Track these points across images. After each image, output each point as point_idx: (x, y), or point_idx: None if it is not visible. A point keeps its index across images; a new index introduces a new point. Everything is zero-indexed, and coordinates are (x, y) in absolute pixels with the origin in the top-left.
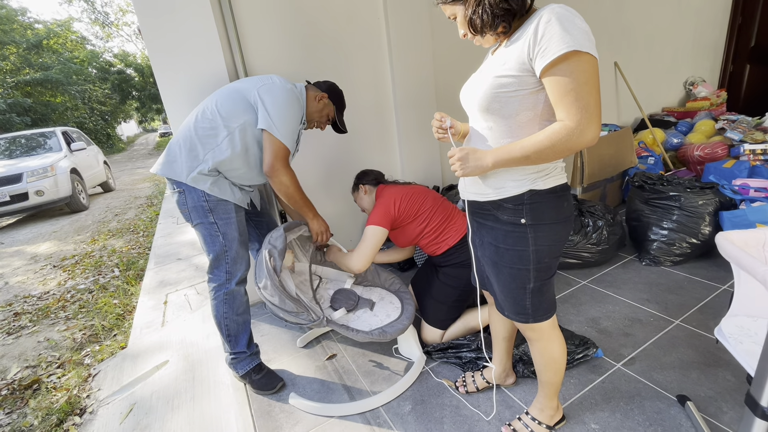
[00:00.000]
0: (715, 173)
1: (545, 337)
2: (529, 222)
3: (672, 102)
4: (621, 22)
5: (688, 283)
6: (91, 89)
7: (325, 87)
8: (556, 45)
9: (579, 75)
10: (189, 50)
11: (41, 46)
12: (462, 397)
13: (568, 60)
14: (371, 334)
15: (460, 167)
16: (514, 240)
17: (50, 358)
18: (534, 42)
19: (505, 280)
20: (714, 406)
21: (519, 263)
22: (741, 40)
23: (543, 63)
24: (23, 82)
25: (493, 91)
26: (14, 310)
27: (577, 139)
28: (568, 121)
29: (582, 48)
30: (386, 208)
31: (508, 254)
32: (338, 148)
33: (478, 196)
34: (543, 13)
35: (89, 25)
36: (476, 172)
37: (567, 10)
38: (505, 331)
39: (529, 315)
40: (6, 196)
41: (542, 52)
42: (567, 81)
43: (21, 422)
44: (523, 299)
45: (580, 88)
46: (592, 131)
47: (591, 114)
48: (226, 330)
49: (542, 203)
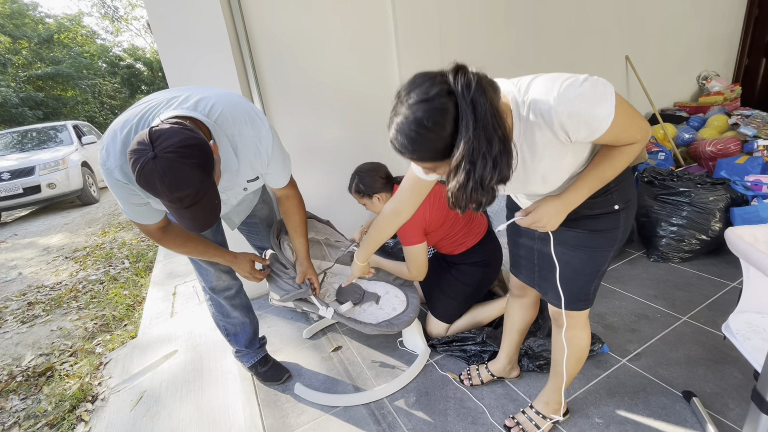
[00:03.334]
0: (727, 169)
1: (582, 323)
2: (621, 206)
3: (684, 97)
4: (632, 15)
5: (697, 279)
6: (101, 83)
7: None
8: (596, 126)
9: (621, 122)
10: (198, 45)
11: (52, 41)
12: (466, 390)
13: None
14: (379, 326)
15: (543, 226)
16: (605, 223)
17: (63, 347)
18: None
19: (579, 265)
20: (720, 403)
21: (605, 244)
22: (757, 33)
23: (592, 139)
24: (35, 76)
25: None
26: (28, 300)
27: (641, 145)
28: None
29: (612, 111)
30: (418, 222)
31: (595, 237)
32: (344, 149)
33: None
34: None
35: (99, 19)
36: (561, 220)
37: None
38: (522, 323)
39: (589, 300)
40: (19, 188)
41: (587, 135)
42: (616, 133)
43: (35, 408)
44: (590, 284)
45: (627, 127)
46: (648, 134)
47: (642, 128)
48: (224, 330)
49: (625, 182)
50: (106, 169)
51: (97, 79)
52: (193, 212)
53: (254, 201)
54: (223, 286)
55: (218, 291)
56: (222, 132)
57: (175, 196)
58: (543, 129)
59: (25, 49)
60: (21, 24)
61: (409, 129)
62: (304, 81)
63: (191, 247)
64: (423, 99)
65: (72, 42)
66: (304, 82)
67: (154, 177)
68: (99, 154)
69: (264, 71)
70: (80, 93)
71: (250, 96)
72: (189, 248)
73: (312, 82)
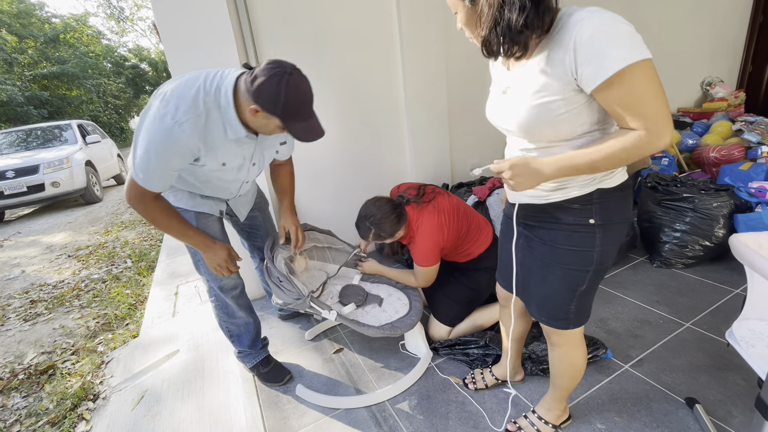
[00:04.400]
0: (731, 175)
1: (571, 343)
2: (598, 222)
3: (688, 102)
4: (635, 20)
5: (700, 285)
6: (105, 83)
7: (254, 90)
8: (607, 64)
9: (638, 86)
10: (203, 45)
11: (58, 40)
12: (467, 394)
13: (623, 76)
14: (382, 329)
15: (515, 184)
16: (579, 240)
17: (65, 345)
18: (577, 60)
19: (553, 283)
20: (723, 410)
21: (578, 264)
22: (762, 39)
23: (595, 84)
24: (40, 75)
25: (541, 119)
26: (31, 298)
27: (652, 144)
28: (641, 130)
29: (635, 58)
30: (437, 244)
31: (569, 255)
32: (349, 147)
33: (535, 199)
34: (579, 27)
35: (104, 19)
36: (532, 185)
37: (606, 17)
38: (515, 333)
39: (570, 320)
40: (23, 186)
41: (591, 72)
42: (627, 95)
43: (37, 405)
44: (568, 303)
45: (643, 98)
46: (667, 135)
47: (662, 118)
48: (227, 331)
49: (611, 201)
50: (175, 121)
51: (102, 79)
52: (315, 120)
53: (255, 193)
54: (231, 285)
55: (226, 290)
56: None
57: (310, 100)
58: (561, 44)
59: (31, 48)
60: (27, 23)
61: None
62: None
63: (174, 223)
64: None
65: (77, 42)
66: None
67: (302, 84)
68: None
69: None
70: (85, 92)
71: None
72: (172, 223)
73: (318, 82)
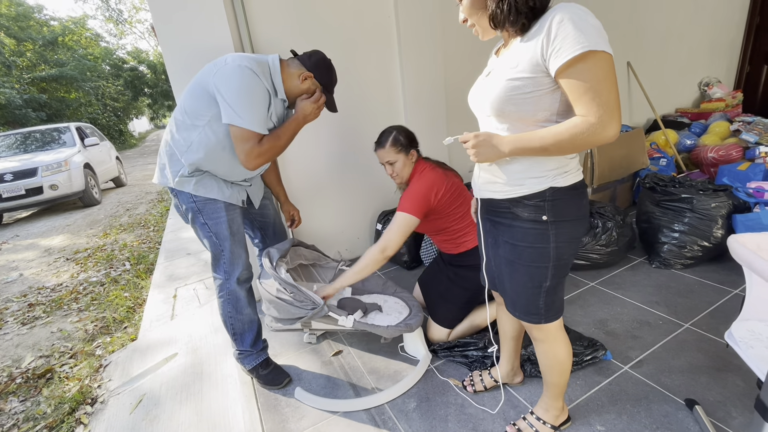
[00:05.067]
0: (729, 176)
1: (551, 338)
2: (551, 219)
3: (686, 103)
4: (634, 21)
5: (699, 286)
6: (104, 86)
7: (311, 63)
8: (571, 45)
9: (596, 73)
10: (202, 47)
11: (56, 43)
12: (467, 396)
13: (584, 60)
14: (398, 327)
15: (475, 153)
16: (534, 237)
17: (63, 349)
18: (547, 43)
19: (520, 279)
20: (723, 411)
21: (538, 261)
22: (759, 40)
23: (558, 63)
24: (39, 78)
25: (507, 94)
26: (29, 301)
27: (599, 134)
28: (589, 116)
29: (597, 47)
30: (425, 195)
31: (527, 252)
32: (347, 146)
33: (494, 194)
34: (555, 13)
35: (103, 22)
36: (492, 158)
37: (579, 9)
38: (513, 330)
39: (541, 315)
40: (21, 189)
41: (556, 52)
42: (584, 80)
43: (35, 410)
44: (537, 299)
45: (598, 86)
46: (614, 127)
47: (612, 110)
48: (231, 329)
49: (563, 200)
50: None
51: (101, 82)
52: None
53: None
54: (247, 276)
55: (242, 281)
56: None
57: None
58: (540, 29)
59: (29, 51)
60: (26, 26)
61: None
62: None
63: (283, 135)
64: None
65: (76, 44)
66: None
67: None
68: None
69: None
70: (84, 95)
71: None
72: (281, 137)
73: None
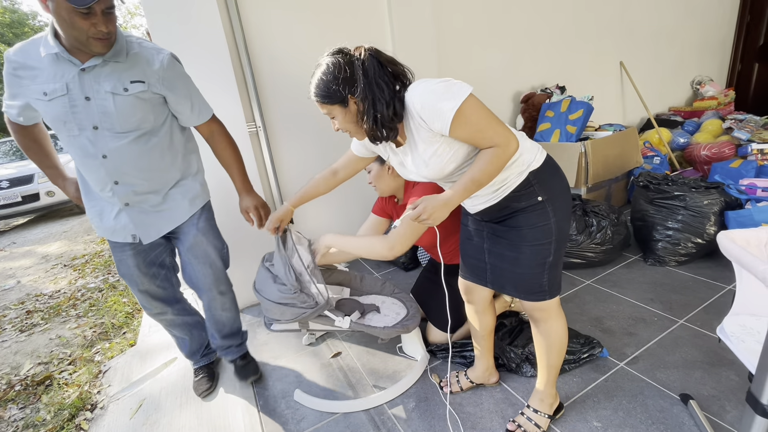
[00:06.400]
0: (722, 173)
1: (553, 315)
2: (545, 197)
3: (679, 101)
4: (627, 21)
5: (693, 283)
6: None
7: None
8: (442, 117)
9: (472, 119)
10: (197, 53)
11: None
12: (465, 395)
13: (456, 120)
14: (395, 328)
15: (431, 219)
16: (536, 217)
17: (62, 355)
18: (427, 124)
19: (525, 260)
20: (717, 405)
21: (541, 238)
22: (749, 38)
23: (446, 132)
24: None
25: (442, 163)
26: (27, 308)
27: (507, 154)
28: (493, 146)
29: (457, 105)
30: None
31: (532, 232)
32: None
33: (487, 204)
34: (412, 102)
35: None
36: (445, 214)
37: (421, 88)
38: (482, 330)
39: (545, 292)
40: (18, 196)
41: (438, 127)
42: (469, 129)
43: (34, 417)
44: (541, 276)
45: (480, 125)
46: (513, 143)
47: (500, 133)
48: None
49: (545, 176)
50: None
51: None
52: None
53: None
54: (157, 311)
55: (155, 315)
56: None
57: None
58: (413, 117)
59: None
60: (20, 33)
61: (317, 77)
62: (303, 86)
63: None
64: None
65: None
66: (303, 86)
67: None
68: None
69: (263, 78)
70: None
71: (248, 101)
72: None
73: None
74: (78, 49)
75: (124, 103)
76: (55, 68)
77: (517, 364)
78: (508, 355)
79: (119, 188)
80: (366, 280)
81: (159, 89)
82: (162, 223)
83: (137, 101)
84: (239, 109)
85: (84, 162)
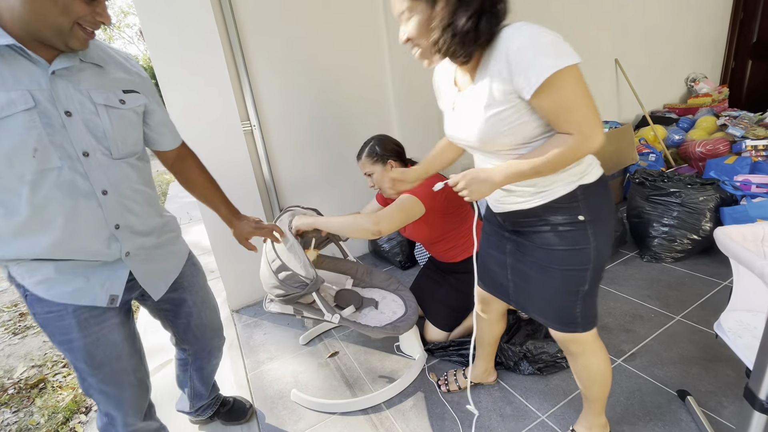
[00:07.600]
0: (717, 169)
1: (589, 350)
2: (588, 218)
3: (673, 98)
4: (621, 19)
5: (689, 279)
6: None
7: None
8: (535, 74)
9: (567, 91)
10: (190, 51)
11: None
12: (464, 393)
13: (551, 83)
14: (385, 329)
15: (468, 192)
16: (573, 239)
17: (55, 358)
18: (510, 74)
19: (555, 286)
20: (714, 401)
21: (577, 264)
22: (743, 35)
23: (528, 93)
24: None
25: (497, 129)
26: (20, 311)
27: (585, 147)
28: (574, 133)
29: (560, 66)
30: (431, 194)
31: (566, 255)
32: (337, 150)
33: (518, 205)
34: (510, 42)
35: None
36: (486, 192)
37: (530, 30)
38: (491, 336)
39: (578, 324)
40: None
41: (523, 83)
42: (557, 101)
43: (28, 420)
44: (573, 306)
45: (572, 103)
46: (597, 137)
47: (590, 121)
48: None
49: (595, 195)
50: None
51: None
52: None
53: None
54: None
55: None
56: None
57: None
58: (499, 59)
59: None
60: None
61: None
62: (298, 85)
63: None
64: None
65: None
66: (298, 86)
67: None
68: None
69: (257, 76)
70: None
71: (243, 100)
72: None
73: (305, 87)
74: (39, 43)
75: (123, 120)
76: (4, 69)
77: (515, 362)
78: (505, 353)
79: (121, 233)
80: (374, 274)
81: (151, 102)
82: (168, 269)
83: (135, 117)
84: (234, 108)
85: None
